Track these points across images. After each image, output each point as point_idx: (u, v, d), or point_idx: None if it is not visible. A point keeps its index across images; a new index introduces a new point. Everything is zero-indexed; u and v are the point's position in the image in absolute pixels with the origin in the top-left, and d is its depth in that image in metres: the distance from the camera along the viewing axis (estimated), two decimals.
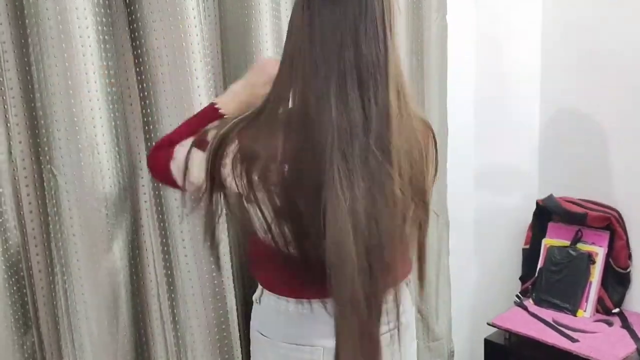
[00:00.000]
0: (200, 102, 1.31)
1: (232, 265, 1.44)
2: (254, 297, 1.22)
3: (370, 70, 0.95)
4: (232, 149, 1.00)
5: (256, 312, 1.22)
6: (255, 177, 0.99)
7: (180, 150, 1.09)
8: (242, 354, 1.48)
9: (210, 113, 1.18)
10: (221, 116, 1.16)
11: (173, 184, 1.12)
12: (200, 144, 1.06)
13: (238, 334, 1.46)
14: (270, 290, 1.16)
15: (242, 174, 0.99)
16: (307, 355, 1.13)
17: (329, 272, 0.96)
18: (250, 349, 1.24)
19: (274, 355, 1.17)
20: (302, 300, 1.11)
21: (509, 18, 2.14)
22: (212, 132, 1.04)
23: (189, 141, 1.08)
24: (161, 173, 1.16)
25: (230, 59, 1.49)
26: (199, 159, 1.04)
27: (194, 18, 1.28)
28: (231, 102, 1.19)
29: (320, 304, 1.08)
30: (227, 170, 1.01)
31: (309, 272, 1.01)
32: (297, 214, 0.99)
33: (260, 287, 1.19)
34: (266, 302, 1.17)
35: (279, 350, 1.15)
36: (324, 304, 1.06)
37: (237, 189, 1.01)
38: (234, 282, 1.45)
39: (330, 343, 1.08)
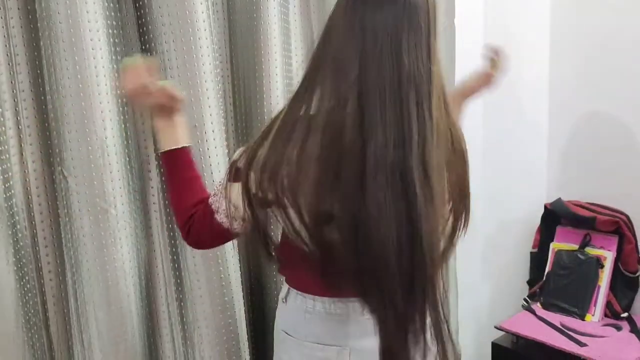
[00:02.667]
0: (209, 104, 1.32)
1: (240, 267, 1.45)
2: (280, 297, 1.21)
3: (412, 83, 0.93)
4: (258, 159, 0.98)
5: (282, 311, 1.21)
6: (284, 182, 0.97)
7: (215, 199, 1.07)
8: (249, 355, 1.48)
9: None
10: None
11: (225, 238, 1.12)
12: (235, 178, 1.03)
13: (246, 335, 1.46)
14: (297, 289, 1.15)
15: (269, 182, 0.97)
16: (333, 355, 1.11)
17: (367, 281, 0.96)
18: (274, 348, 1.23)
19: (299, 354, 1.15)
20: (329, 300, 1.10)
21: (517, 21, 2.13)
22: (241, 160, 1.02)
23: (219, 189, 1.07)
24: (211, 238, 1.12)
25: (239, 63, 1.50)
26: (237, 190, 1.02)
27: (204, 22, 1.28)
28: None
29: (349, 303, 1.08)
30: (254, 181, 0.99)
31: (337, 271, 1.00)
32: (329, 218, 0.97)
33: (286, 286, 1.18)
34: (292, 301, 1.16)
35: (304, 349, 1.14)
36: (355, 303, 1.06)
37: (267, 197, 0.99)
38: (241, 284, 1.46)
39: (357, 343, 1.08)
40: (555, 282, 2.05)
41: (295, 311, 1.16)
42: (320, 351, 1.13)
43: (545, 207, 2.13)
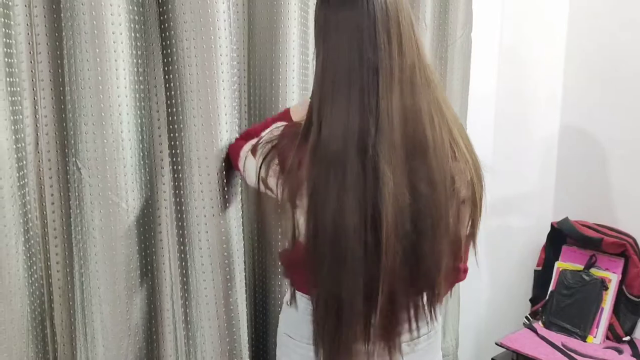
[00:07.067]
0: (225, 104, 1.32)
1: (245, 269, 1.44)
2: (284, 300, 1.22)
3: (372, 76, 0.98)
4: (275, 162, 1.08)
5: (285, 314, 1.22)
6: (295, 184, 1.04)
7: (245, 149, 1.23)
8: (250, 357, 1.47)
9: (285, 116, 1.30)
10: (291, 119, 1.26)
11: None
12: (254, 151, 1.17)
13: (247, 338, 1.45)
14: (300, 291, 1.17)
15: (285, 183, 1.05)
16: None
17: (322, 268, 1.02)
18: (277, 352, 1.24)
19: (297, 356, 1.17)
20: None
21: (533, 38, 2.14)
22: (261, 145, 1.14)
23: (249, 145, 1.21)
24: (232, 160, 1.29)
25: (256, 64, 1.50)
26: (251, 166, 1.17)
27: (224, 21, 1.28)
28: (300, 110, 1.25)
29: None
30: (273, 181, 1.09)
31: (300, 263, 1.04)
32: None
33: (291, 288, 1.19)
34: (298, 303, 1.17)
35: (301, 351, 1.15)
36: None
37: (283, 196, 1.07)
38: (246, 287, 1.45)
39: None
40: (558, 301, 2.04)
41: (299, 313, 1.17)
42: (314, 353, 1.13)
43: (552, 225, 2.12)
